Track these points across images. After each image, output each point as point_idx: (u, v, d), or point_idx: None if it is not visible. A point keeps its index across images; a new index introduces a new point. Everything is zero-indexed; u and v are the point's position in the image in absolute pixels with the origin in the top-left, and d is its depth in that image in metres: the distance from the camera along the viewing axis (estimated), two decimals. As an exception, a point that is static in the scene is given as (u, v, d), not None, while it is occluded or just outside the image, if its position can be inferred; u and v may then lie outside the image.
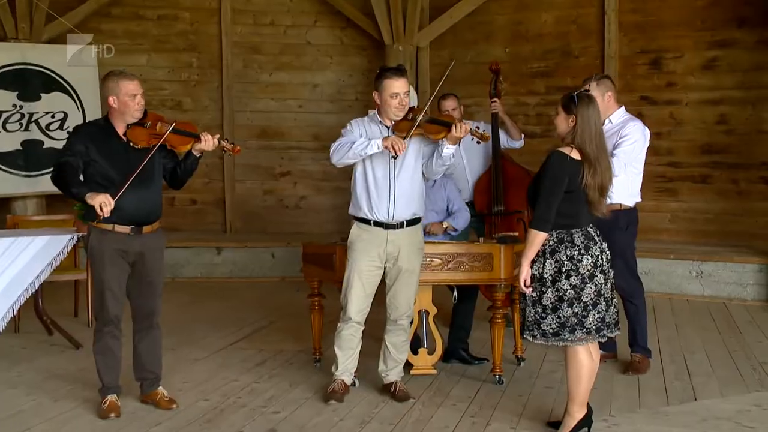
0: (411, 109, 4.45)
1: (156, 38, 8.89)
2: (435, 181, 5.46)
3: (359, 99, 8.92)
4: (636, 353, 5.04)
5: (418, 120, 4.34)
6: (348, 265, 4.47)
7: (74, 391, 4.71)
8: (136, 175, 4.09)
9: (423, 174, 4.52)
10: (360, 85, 8.93)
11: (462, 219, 5.42)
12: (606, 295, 3.86)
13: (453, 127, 4.31)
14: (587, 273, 3.80)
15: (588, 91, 3.97)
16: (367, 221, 4.44)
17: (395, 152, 4.22)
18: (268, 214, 9.07)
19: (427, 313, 4.94)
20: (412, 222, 4.49)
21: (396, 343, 4.61)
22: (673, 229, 7.96)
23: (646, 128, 5.00)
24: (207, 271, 8.31)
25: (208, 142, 4.25)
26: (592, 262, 3.81)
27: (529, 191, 3.93)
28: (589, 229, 3.88)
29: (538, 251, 3.83)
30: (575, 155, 3.78)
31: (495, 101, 6.08)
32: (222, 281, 8.19)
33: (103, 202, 3.98)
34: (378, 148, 4.28)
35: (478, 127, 4.65)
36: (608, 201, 4.01)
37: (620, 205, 4.85)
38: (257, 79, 9.04)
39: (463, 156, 6.04)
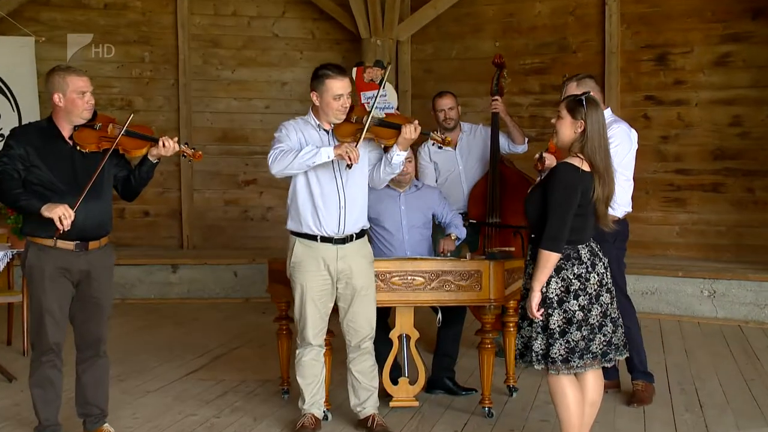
0: (351, 108, 4.48)
1: (103, 29, 8.87)
2: (417, 188, 5.49)
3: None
4: (637, 380, 5.07)
5: (367, 123, 4.37)
6: (296, 289, 4.48)
7: (7, 429, 4.65)
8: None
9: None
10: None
11: (460, 223, 5.50)
12: (612, 316, 3.92)
13: (403, 128, 4.35)
14: (594, 292, 3.85)
15: (589, 92, 4.02)
16: (312, 237, 4.44)
17: (350, 161, 4.23)
18: (230, 228, 9.06)
19: (408, 338, 4.94)
20: (360, 235, 4.55)
21: (364, 370, 4.61)
22: (682, 244, 8.03)
23: (633, 131, 5.07)
24: (161, 291, 8.28)
25: (167, 147, 4.23)
26: (598, 280, 3.87)
27: (528, 205, 3.95)
28: (592, 244, 3.94)
29: None
30: (585, 167, 3.83)
31: (496, 99, 6.12)
32: (178, 303, 8.16)
33: (63, 215, 3.95)
34: (329, 158, 4.28)
35: (437, 133, 4.59)
36: None
37: None
38: (218, 76, 9.05)
39: (459, 161, 6.11)
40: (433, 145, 4.88)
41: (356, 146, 4.29)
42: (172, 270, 8.32)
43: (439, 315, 5.16)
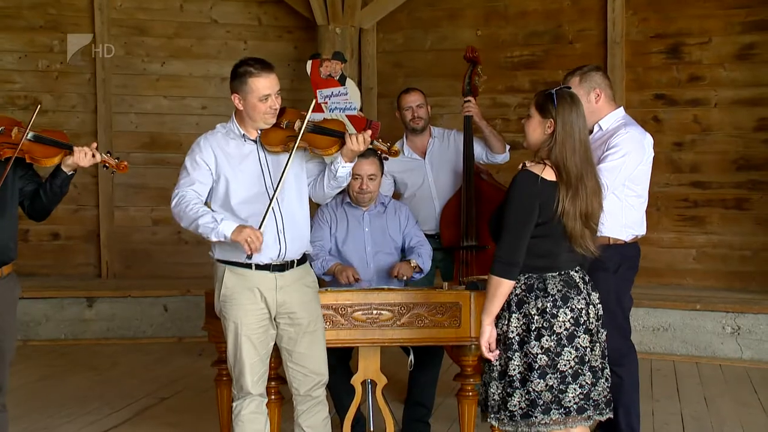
0: (282, 111, 4.48)
1: (1, 12, 8.84)
2: (385, 206, 5.50)
3: (284, 99, 8.84)
4: None
5: (301, 131, 4.36)
6: (229, 327, 4.44)
7: None
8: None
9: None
10: (285, 79, 8.94)
11: (427, 255, 5.48)
12: (593, 364, 3.84)
13: (346, 139, 4.36)
14: (565, 332, 3.79)
15: (569, 87, 4.04)
16: (246, 264, 4.41)
17: (250, 251, 4.20)
18: (159, 253, 9.03)
19: (373, 384, 4.93)
20: (302, 261, 4.56)
21: (316, 425, 4.59)
22: (700, 270, 8.09)
23: (647, 136, 4.94)
24: (74, 330, 8.21)
25: (85, 156, 4.21)
26: (572, 317, 3.79)
27: (492, 223, 3.95)
28: (572, 273, 3.88)
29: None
30: (548, 175, 3.78)
31: (469, 101, 6.14)
32: (95, 344, 8.09)
33: None
34: (225, 238, 4.23)
35: (380, 141, 4.56)
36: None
37: (609, 239, 4.75)
38: (144, 69, 9.03)
39: (428, 172, 6.14)
40: (379, 154, 4.87)
41: (261, 227, 4.23)
42: (87, 304, 8.25)
43: (411, 356, 5.16)
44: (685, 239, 8.11)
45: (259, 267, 4.40)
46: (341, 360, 5.16)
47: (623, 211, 4.84)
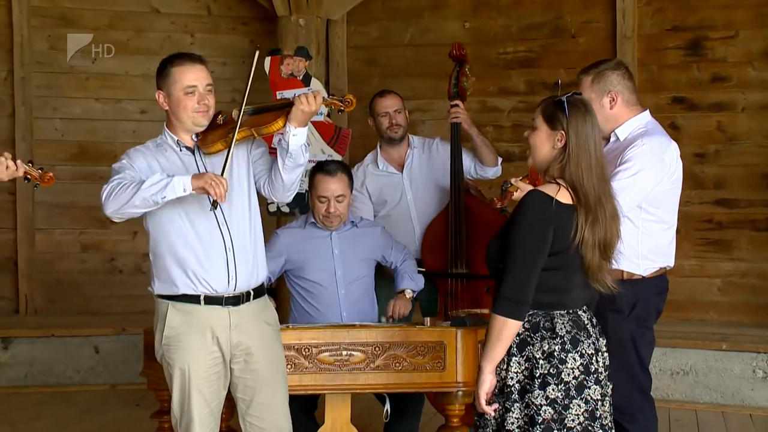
0: (217, 112, 4.51)
1: None
2: (355, 225, 5.51)
3: (239, 101, 8.91)
4: None
5: (239, 118, 4.34)
6: (174, 375, 4.43)
7: None
8: None
9: (269, 201, 4.55)
10: (239, 78, 8.95)
11: (414, 271, 5.52)
12: (604, 422, 3.83)
13: (295, 101, 4.31)
14: (574, 381, 3.76)
15: (580, 93, 3.99)
16: (193, 299, 4.41)
17: (216, 197, 4.15)
18: (89, 284, 8.98)
19: (343, 438, 4.94)
20: (260, 292, 4.55)
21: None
22: (726, 303, 8.09)
23: (672, 146, 4.81)
24: (-14, 376, 8.17)
25: (9, 168, 4.16)
26: (581, 364, 3.77)
27: (490, 252, 3.92)
28: (580, 312, 3.87)
29: None
30: (564, 197, 3.77)
31: (456, 105, 6.16)
32: (11, 393, 8.01)
33: None
34: (185, 191, 4.20)
35: (333, 97, 4.56)
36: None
37: (622, 273, 4.63)
38: (72, 67, 9.00)
39: (407, 188, 6.16)
40: (329, 110, 4.82)
41: (224, 171, 4.22)
42: (2, 345, 8.20)
43: (387, 405, 5.17)
44: (708, 267, 8.11)
45: (209, 301, 4.38)
46: (305, 409, 5.14)
47: (639, 239, 4.71)
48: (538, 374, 3.75)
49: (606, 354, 3.89)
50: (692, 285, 8.08)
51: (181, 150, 4.46)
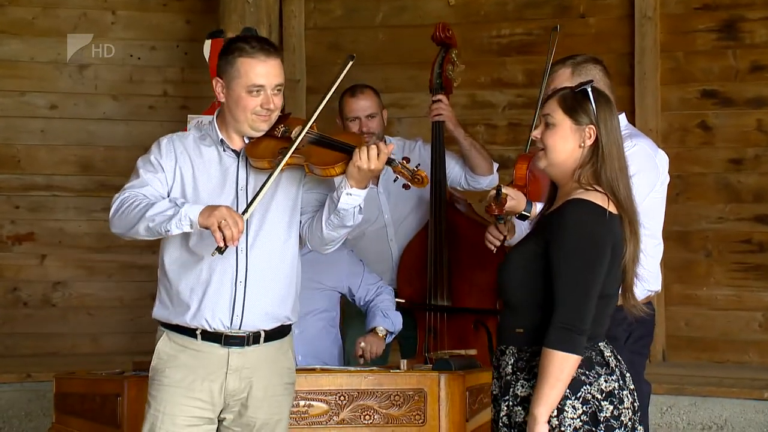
0: (282, 117, 4.49)
1: None
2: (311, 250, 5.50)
3: (172, 95, 8.97)
4: None
5: (297, 140, 4.34)
6: (150, 416, 4.43)
7: None
8: None
9: (301, 240, 4.57)
10: (173, 67, 9.00)
11: (391, 304, 5.49)
12: None
13: (356, 154, 4.31)
14: (630, 423, 3.82)
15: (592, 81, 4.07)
16: (189, 331, 4.41)
17: (221, 243, 4.14)
18: (-14, 318, 8.92)
19: None
20: (277, 334, 4.52)
21: None
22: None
23: (660, 153, 5.09)
24: None
25: None
26: (632, 402, 3.85)
27: (509, 278, 3.95)
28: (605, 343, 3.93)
29: None
30: (612, 207, 3.82)
31: (439, 100, 6.17)
32: None
33: None
34: (191, 227, 4.23)
35: (407, 159, 4.56)
36: None
37: None
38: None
39: (383, 205, 6.18)
40: (395, 181, 4.81)
41: (250, 206, 4.26)
42: None
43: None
44: (746, 298, 8.07)
45: (206, 337, 4.41)
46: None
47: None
48: (602, 418, 3.78)
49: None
50: (728, 320, 8.07)
51: (224, 151, 4.49)
